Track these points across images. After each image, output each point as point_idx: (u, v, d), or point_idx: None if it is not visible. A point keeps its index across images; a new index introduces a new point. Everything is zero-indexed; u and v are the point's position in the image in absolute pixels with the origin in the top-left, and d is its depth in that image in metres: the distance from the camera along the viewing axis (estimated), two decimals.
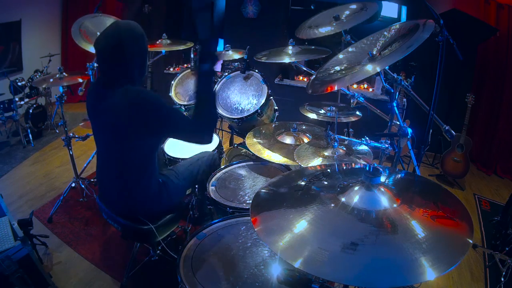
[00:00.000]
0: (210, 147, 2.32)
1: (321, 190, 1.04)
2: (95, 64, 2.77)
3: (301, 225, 0.89)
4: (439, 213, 0.90)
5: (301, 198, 1.01)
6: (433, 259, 0.75)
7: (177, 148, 2.43)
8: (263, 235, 0.90)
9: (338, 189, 1.02)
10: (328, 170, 1.21)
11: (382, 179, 1.00)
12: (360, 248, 0.79)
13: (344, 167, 1.28)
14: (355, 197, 0.95)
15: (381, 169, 0.98)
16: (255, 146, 2.08)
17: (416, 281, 0.71)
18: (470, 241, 0.81)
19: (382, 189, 0.96)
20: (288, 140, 2.18)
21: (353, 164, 1.44)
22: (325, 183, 1.10)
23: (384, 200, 0.94)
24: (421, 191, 1.08)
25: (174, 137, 1.67)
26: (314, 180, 1.11)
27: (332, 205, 0.95)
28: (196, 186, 2.11)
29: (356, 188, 0.98)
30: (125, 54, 1.45)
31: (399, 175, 1.19)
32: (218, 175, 2.04)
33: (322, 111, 2.26)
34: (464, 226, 0.86)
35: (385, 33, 1.55)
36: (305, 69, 2.60)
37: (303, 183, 1.10)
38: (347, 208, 0.93)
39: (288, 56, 2.36)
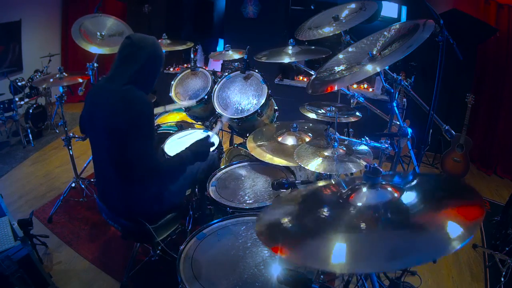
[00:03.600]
0: None
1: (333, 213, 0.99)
2: (95, 64, 2.77)
3: (338, 248, 0.82)
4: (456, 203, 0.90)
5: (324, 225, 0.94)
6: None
7: (177, 148, 2.42)
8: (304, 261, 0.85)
9: (342, 200, 0.98)
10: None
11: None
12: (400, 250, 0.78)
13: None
14: (364, 198, 0.94)
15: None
16: (256, 150, 2.07)
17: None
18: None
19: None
20: (290, 140, 2.17)
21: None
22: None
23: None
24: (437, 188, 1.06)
25: (130, 155, 1.48)
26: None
27: (363, 224, 0.88)
28: (196, 186, 2.11)
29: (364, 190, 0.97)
30: (144, 59, 1.55)
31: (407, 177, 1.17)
32: (218, 175, 2.04)
33: (322, 111, 2.26)
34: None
35: (385, 33, 1.55)
36: (305, 69, 2.60)
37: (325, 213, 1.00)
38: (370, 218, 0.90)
39: (288, 56, 2.35)
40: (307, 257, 0.83)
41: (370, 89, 4.13)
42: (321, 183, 1.20)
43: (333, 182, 1.15)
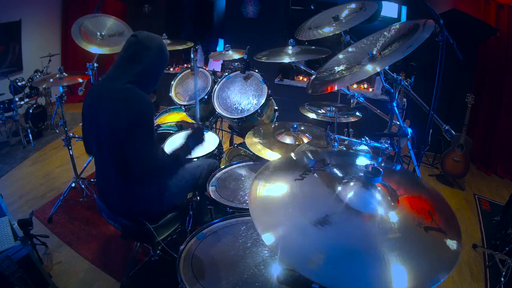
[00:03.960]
0: (210, 147, 2.32)
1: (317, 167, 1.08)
2: (95, 64, 2.77)
3: (282, 188, 0.97)
4: (432, 224, 0.89)
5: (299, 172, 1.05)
6: (416, 273, 0.74)
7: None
8: (252, 188, 0.97)
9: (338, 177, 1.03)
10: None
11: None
12: (328, 226, 0.82)
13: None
14: (350, 192, 0.95)
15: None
16: (255, 146, 2.08)
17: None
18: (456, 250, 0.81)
19: (380, 188, 0.96)
20: (288, 140, 2.17)
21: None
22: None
23: (379, 203, 0.93)
24: (418, 194, 1.07)
25: (130, 155, 1.47)
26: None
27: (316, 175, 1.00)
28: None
29: (352, 183, 0.98)
30: (149, 60, 1.55)
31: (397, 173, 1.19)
32: (218, 175, 2.04)
33: (322, 111, 2.26)
34: (454, 238, 0.85)
35: (385, 33, 1.55)
36: (305, 69, 2.60)
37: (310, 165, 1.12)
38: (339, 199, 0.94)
39: (288, 56, 2.35)
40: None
41: (370, 89, 4.13)
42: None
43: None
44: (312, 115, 2.25)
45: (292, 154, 1.20)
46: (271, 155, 1.97)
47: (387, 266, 0.75)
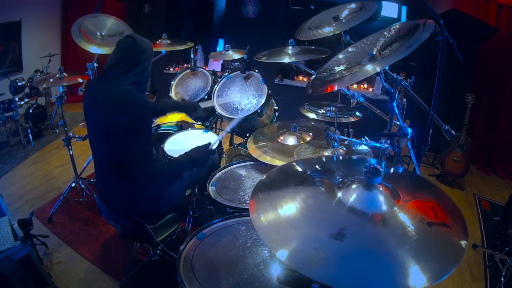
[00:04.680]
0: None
1: (320, 179, 1.05)
2: (95, 64, 2.77)
3: (289, 208, 0.92)
4: (436, 220, 0.90)
5: (299, 185, 1.03)
6: (425, 267, 0.74)
7: (177, 148, 2.42)
8: (252, 210, 0.93)
9: (337, 182, 1.02)
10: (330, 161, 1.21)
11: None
12: (346, 240, 0.80)
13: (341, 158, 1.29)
14: (353, 195, 0.95)
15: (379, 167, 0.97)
16: (257, 151, 2.07)
17: None
18: (464, 245, 0.81)
19: (381, 189, 0.96)
20: (290, 140, 2.17)
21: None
22: (325, 175, 1.11)
23: (382, 201, 0.94)
24: (420, 193, 1.07)
25: (129, 157, 1.48)
26: (315, 169, 1.13)
27: (323, 190, 0.97)
28: (196, 186, 2.11)
29: (354, 186, 0.98)
30: (146, 61, 1.60)
31: (399, 173, 1.19)
32: (218, 175, 2.04)
33: (322, 111, 2.26)
34: (459, 234, 0.85)
35: (385, 33, 1.55)
36: (305, 69, 2.60)
37: (308, 172, 1.11)
38: (341, 203, 0.93)
39: (288, 56, 2.35)
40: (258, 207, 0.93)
41: (370, 89, 4.13)
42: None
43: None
44: (312, 115, 2.25)
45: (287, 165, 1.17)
46: (274, 161, 1.96)
47: (401, 262, 0.76)
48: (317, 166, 1.15)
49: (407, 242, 0.81)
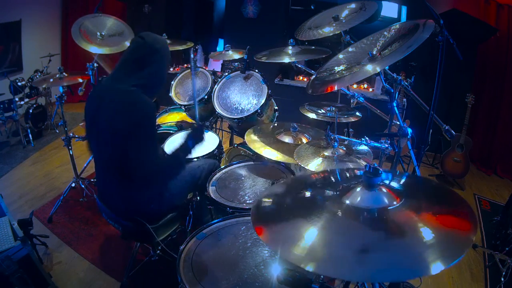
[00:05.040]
0: (210, 147, 2.32)
1: (326, 199, 1.01)
2: (95, 64, 2.77)
3: (311, 233, 0.86)
4: (443, 210, 0.90)
5: (307, 208, 0.97)
6: (439, 253, 0.75)
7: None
8: (274, 246, 0.90)
9: (339, 191, 1.01)
10: (331, 177, 1.17)
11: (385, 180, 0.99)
12: (371, 253, 0.79)
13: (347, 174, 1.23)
14: (358, 198, 0.95)
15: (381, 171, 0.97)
16: (255, 143, 2.07)
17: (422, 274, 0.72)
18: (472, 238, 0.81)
19: (384, 189, 0.96)
20: (287, 139, 2.17)
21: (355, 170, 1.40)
22: (328, 191, 1.06)
23: (386, 200, 0.93)
24: (424, 192, 1.07)
25: (132, 159, 1.47)
26: (317, 189, 1.09)
27: (339, 212, 0.93)
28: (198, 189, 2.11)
29: (358, 189, 0.98)
30: (156, 63, 1.56)
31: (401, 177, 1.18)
32: (218, 175, 2.04)
33: (322, 111, 2.26)
34: (467, 223, 0.85)
35: (385, 33, 1.55)
36: (305, 69, 2.60)
37: (308, 193, 1.06)
38: (352, 212, 0.92)
39: (288, 56, 2.35)
40: (277, 238, 0.87)
41: (370, 89, 4.13)
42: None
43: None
44: (312, 115, 2.25)
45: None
46: (270, 154, 1.96)
47: (418, 246, 0.78)
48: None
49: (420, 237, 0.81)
